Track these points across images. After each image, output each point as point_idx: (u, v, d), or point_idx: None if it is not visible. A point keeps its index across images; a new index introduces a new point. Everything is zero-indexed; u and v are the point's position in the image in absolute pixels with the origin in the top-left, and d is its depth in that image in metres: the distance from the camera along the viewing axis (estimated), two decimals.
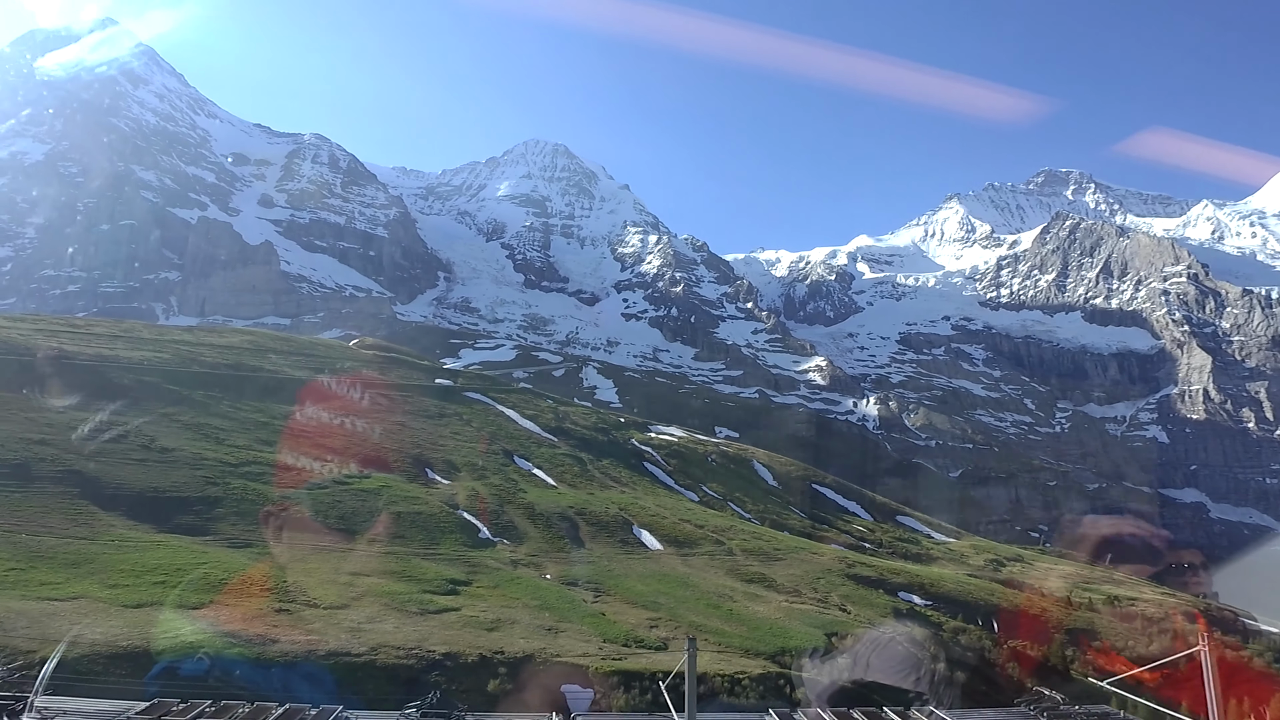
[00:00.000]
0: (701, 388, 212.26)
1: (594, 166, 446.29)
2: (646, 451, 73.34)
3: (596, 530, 45.13)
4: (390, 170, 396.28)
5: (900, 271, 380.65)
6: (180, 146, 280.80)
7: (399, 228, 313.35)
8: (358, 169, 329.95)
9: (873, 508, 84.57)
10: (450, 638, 24.92)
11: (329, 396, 57.86)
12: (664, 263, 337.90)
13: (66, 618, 20.15)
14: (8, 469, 30.64)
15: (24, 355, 44.66)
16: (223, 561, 27.64)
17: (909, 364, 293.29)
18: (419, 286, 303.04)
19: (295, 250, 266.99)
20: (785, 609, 37.76)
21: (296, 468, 41.16)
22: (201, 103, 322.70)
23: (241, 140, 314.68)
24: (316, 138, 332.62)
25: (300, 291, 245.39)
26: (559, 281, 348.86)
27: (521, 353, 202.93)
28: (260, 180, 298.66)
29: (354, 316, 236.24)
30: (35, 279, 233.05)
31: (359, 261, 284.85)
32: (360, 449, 48.35)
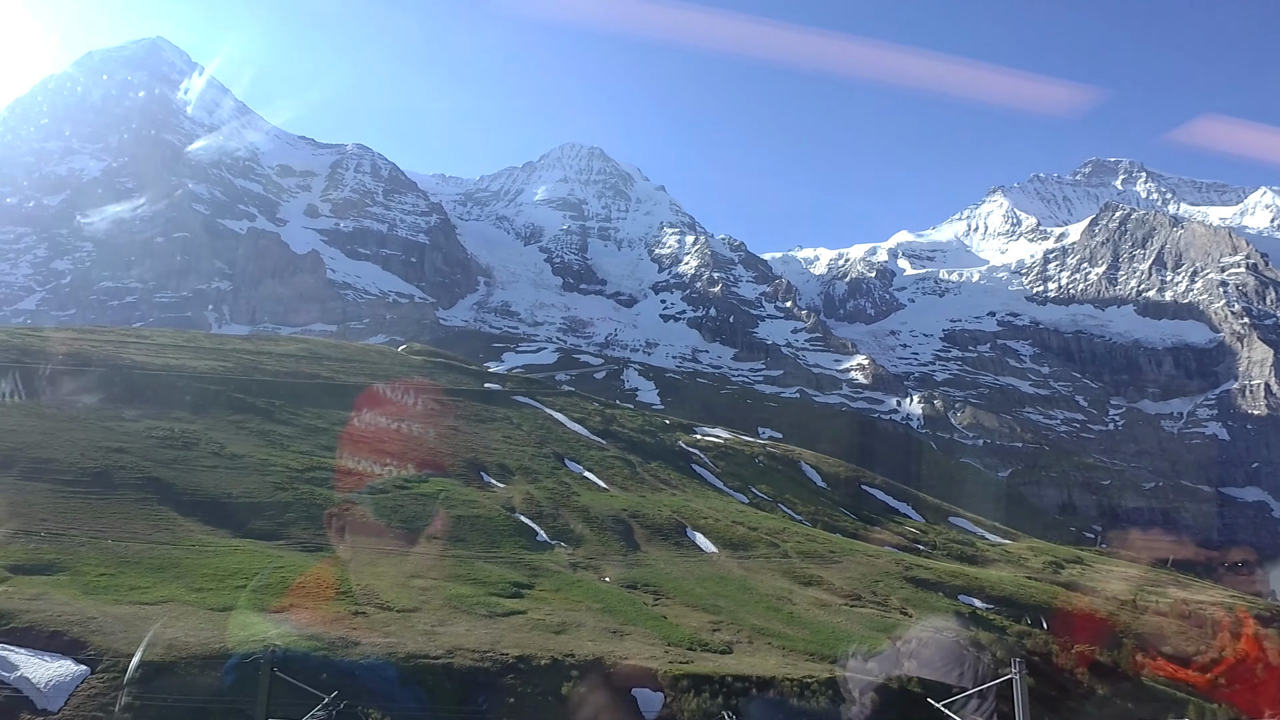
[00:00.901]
0: (743, 388, 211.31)
1: (629, 168, 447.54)
2: (694, 454, 73.27)
3: (651, 533, 45.24)
4: (430, 178, 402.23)
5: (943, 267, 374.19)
6: (229, 160, 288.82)
7: (439, 234, 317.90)
8: (398, 177, 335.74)
9: (924, 509, 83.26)
10: (520, 640, 25.22)
11: (383, 402, 58.98)
12: (701, 263, 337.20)
13: (158, 621, 20.88)
14: (90, 477, 31.86)
15: (97, 366, 46.40)
16: (297, 565, 28.37)
17: (953, 361, 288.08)
18: (460, 291, 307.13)
19: (340, 258, 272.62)
20: (846, 612, 37.43)
21: (358, 472, 42.06)
22: (248, 117, 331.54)
23: (287, 152, 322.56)
24: (358, 148, 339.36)
25: (345, 298, 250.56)
26: (597, 284, 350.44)
27: (563, 355, 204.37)
28: (305, 191, 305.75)
29: (398, 322, 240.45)
30: (94, 290, 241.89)
31: (401, 268, 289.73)
32: (416, 453, 49.20)
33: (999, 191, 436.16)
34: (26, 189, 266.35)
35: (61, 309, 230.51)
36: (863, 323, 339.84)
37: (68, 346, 48.92)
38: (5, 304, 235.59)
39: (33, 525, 26.75)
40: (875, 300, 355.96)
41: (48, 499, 29.12)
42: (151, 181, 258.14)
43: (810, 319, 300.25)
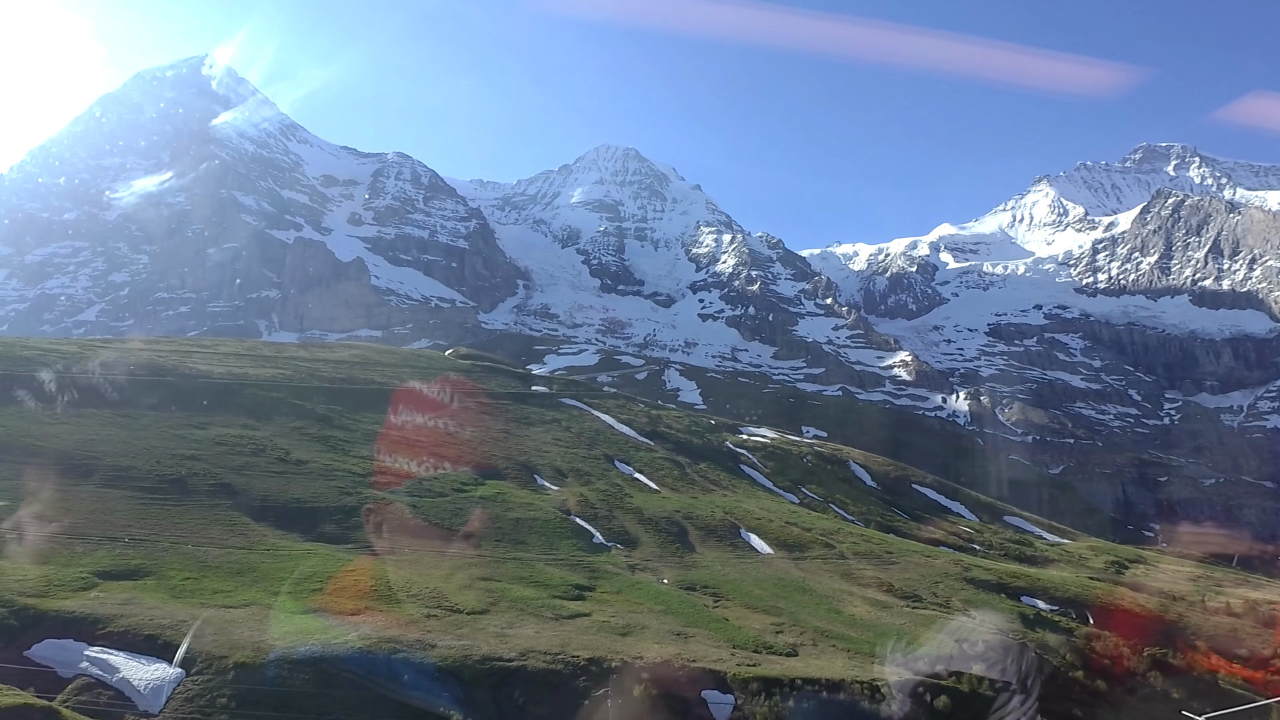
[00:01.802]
0: (784, 387, 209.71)
1: (664, 168, 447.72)
2: (742, 454, 72.94)
3: (705, 535, 45.18)
4: (468, 183, 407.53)
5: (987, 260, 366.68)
6: (275, 172, 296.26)
7: (479, 239, 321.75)
8: (438, 184, 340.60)
9: (977, 508, 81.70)
10: (589, 643, 25.40)
11: (436, 406, 59.91)
12: (739, 261, 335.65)
13: (245, 624, 21.52)
14: (166, 484, 32.94)
15: (166, 375, 47.97)
16: (366, 569, 28.97)
17: (1000, 356, 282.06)
18: (499, 295, 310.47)
19: (383, 265, 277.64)
20: (908, 614, 36.93)
21: (417, 476, 42.78)
22: (293, 129, 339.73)
23: (330, 163, 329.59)
24: (399, 156, 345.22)
25: (389, 304, 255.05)
26: (634, 284, 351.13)
27: (604, 357, 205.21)
28: (349, 200, 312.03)
29: (441, 326, 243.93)
30: (150, 302, 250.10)
31: (442, 273, 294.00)
32: (472, 456, 49.87)
33: (1044, 181, 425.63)
34: (85, 204, 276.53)
35: (120, 320, 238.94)
36: (904, 318, 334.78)
37: (137, 357, 50.69)
38: (67, 315, 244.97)
39: (116, 532, 27.76)
40: (917, 295, 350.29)
41: (128, 506, 30.19)
42: (202, 195, 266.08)
43: (851, 315, 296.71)
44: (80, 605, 21.04)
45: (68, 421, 36.93)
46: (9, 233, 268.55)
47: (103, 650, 18.94)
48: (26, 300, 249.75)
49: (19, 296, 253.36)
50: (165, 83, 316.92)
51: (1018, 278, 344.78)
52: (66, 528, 27.02)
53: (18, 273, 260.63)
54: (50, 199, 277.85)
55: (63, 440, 34.53)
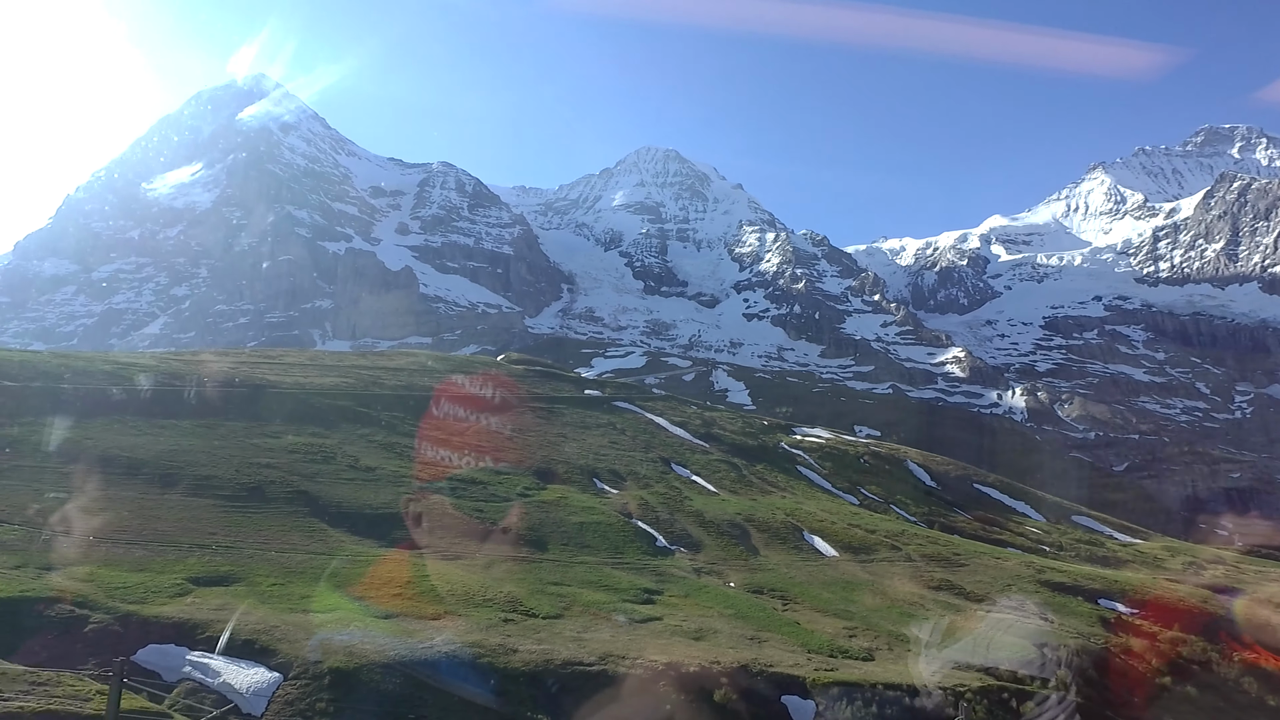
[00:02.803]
0: (835, 386, 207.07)
1: (705, 168, 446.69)
2: (798, 455, 72.20)
3: (769, 537, 44.80)
4: (511, 190, 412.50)
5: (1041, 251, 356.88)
6: (326, 185, 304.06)
7: (523, 244, 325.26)
8: (482, 191, 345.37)
9: (1044, 507, 79.49)
10: (664, 647, 25.36)
11: (494, 411, 60.63)
12: (783, 260, 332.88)
13: (332, 629, 22.01)
14: (246, 491, 33.95)
15: (236, 386, 49.53)
16: (441, 574, 29.41)
17: (1057, 350, 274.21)
18: (544, 300, 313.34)
19: (431, 273, 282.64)
20: (983, 618, 36.02)
21: (480, 482, 43.32)
22: (342, 143, 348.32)
23: (378, 174, 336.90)
24: (443, 165, 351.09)
25: (438, 311, 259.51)
26: (678, 286, 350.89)
27: (651, 359, 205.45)
28: (396, 210, 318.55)
29: (488, 332, 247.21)
30: (210, 314, 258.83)
31: (488, 279, 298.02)
32: (532, 461, 50.33)
33: (1100, 168, 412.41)
34: (147, 222, 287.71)
35: (182, 332, 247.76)
36: (955, 313, 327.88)
37: (210, 369, 52.44)
38: (132, 329, 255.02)
39: (204, 539, 28.69)
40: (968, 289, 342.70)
41: (213, 513, 31.20)
42: (257, 209, 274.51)
43: (900, 312, 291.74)
44: (178, 611, 21.78)
45: (150, 432, 38.34)
46: (77, 251, 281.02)
47: (203, 655, 19.57)
48: (95, 315, 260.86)
49: (87, 312, 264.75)
50: (220, 102, 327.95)
51: (1074, 269, 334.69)
52: (158, 535, 28.04)
53: (86, 289, 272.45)
54: (115, 218, 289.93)
55: (147, 450, 35.85)
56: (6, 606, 20.81)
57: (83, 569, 24.09)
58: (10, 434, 35.47)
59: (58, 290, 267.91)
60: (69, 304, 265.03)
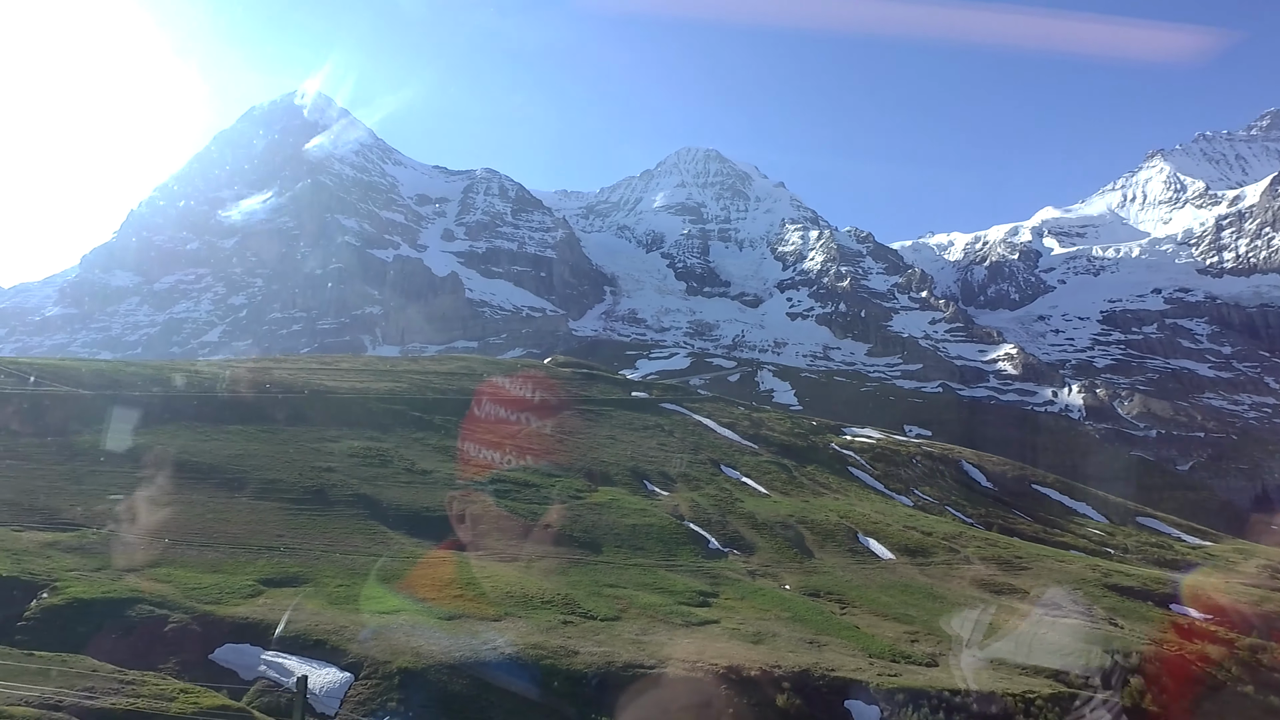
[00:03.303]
0: (883, 385, 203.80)
1: (746, 167, 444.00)
2: (849, 455, 71.22)
3: (822, 539, 44.26)
4: (553, 194, 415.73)
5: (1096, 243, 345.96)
6: (374, 194, 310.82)
7: (565, 248, 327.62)
8: (525, 196, 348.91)
9: (1107, 508, 77.03)
10: (723, 650, 25.23)
11: (542, 413, 61.14)
12: (827, 258, 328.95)
13: (399, 630, 22.43)
14: (310, 495, 34.82)
15: (297, 392, 50.87)
16: (498, 575, 29.74)
17: (1115, 346, 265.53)
18: (587, 302, 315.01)
19: (476, 278, 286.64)
20: (1050, 623, 35.00)
21: (532, 484, 43.70)
22: (389, 152, 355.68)
23: (423, 182, 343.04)
24: (487, 172, 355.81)
25: (484, 315, 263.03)
26: (720, 286, 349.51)
27: (695, 360, 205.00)
28: (441, 217, 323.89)
29: (533, 335, 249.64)
30: (265, 322, 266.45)
31: (532, 283, 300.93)
32: (582, 463, 50.60)
33: (1158, 155, 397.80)
34: (206, 234, 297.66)
35: (239, 339, 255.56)
36: (1007, 309, 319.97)
37: (270, 375, 53.99)
38: (192, 338, 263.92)
39: (272, 541, 29.50)
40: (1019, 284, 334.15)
41: (279, 516, 32.07)
42: (309, 219, 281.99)
43: (949, 308, 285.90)
44: (251, 611, 22.42)
45: (218, 437, 39.60)
46: (139, 263, 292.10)
47: (277, 654, 20.09)
48: (157, 324, 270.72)
49: (150, 321, 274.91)
50: (271, 117, 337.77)
51: (1132, 260, 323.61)
52: (228, 537, 28.93)
53: (148, 299, 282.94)
54: (174, 230, 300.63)
55: (215, 455, 37.04)
56: (91, 607, 21.69)
57: (160, 570, 24.98)
58: (86, 440, 36.98)
59: (122, 301, 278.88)
60: (133, 314, 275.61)
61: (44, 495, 30.57)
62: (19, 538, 26.65)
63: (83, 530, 27.81)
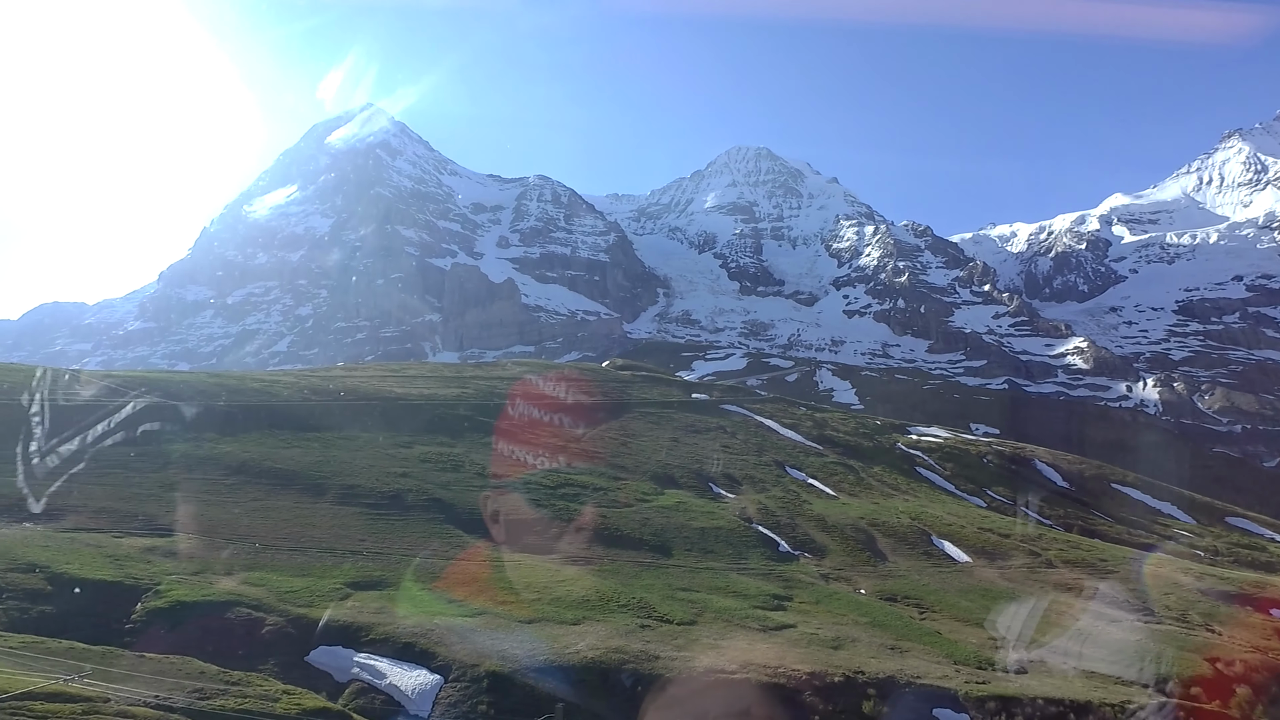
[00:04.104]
0: (946, 382, 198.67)
1: (798, 164, 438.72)
2: (917, 455, 69.60)
3: (895, 542, 43.35)
4: (604, 198, 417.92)
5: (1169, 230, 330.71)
6: (431, 204, 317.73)
7: (618, 251, 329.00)
8: (577, 201, 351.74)
9: (1193, 508, 73.48)
10: (804, 656, 24.90)
11: (605, 417, 61.45)
12: (884, 253, 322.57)
13: (483, 633, 22.80)
14: (388, 500, 35.72)
15: (370, 400, 52.30)
16: (574, 579, 29.97)
17: (1193, 337, 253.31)
18: (641, 305, 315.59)
19: (531, 283, 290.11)
20: (1143, 629, 33.55)
21: (600, 488, 43.93)
22: (444, 163, 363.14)
23: (478, 191, 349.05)
24: (539, 178, 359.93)
25: (539, 320, 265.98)
26: (774, 285, 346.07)
27: (752, 360, 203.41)
28: (496, 224, 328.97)
29: (588, 339, 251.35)
30: (330, 331, 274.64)
31: (586, 287, 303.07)
32: (647, 467, 50.66)
33: (1235, 135, 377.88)
34: (273, 248, 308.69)
35: (307, 349, 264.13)
36: (1074, 301, 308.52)
37: (344, 383, 55.68)
38: (263, 348, 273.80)
39: (355, 545, 30.36)
40: (1088, 275, 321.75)
41: (360, 521, 32.98)
42: (371, 231, 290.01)
43: (1013, 302, 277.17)
44: (342, 614, 23.08)
45: (298, 445, 40.96)
46: (213, 278, 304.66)
47: (369, 656, 20.64)
48: (230, 336, 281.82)
49: (224, 333, 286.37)
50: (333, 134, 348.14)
51: (1210, 247, 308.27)
52: (314, 542, 29.87)
53: (222, 312, 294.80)
54: (245, 246, 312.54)
55: (298, 462, 38.31)
56: (192, 610, 22.65)
57: (253, 574, 25.94)
58: (178, 449, 38.69)
59: (198, 314, 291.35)
60: (207, 326, 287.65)
61: (141, 502, 32.08)
62: (120, 544, 28.02)
63: (179, 535, 29.09)
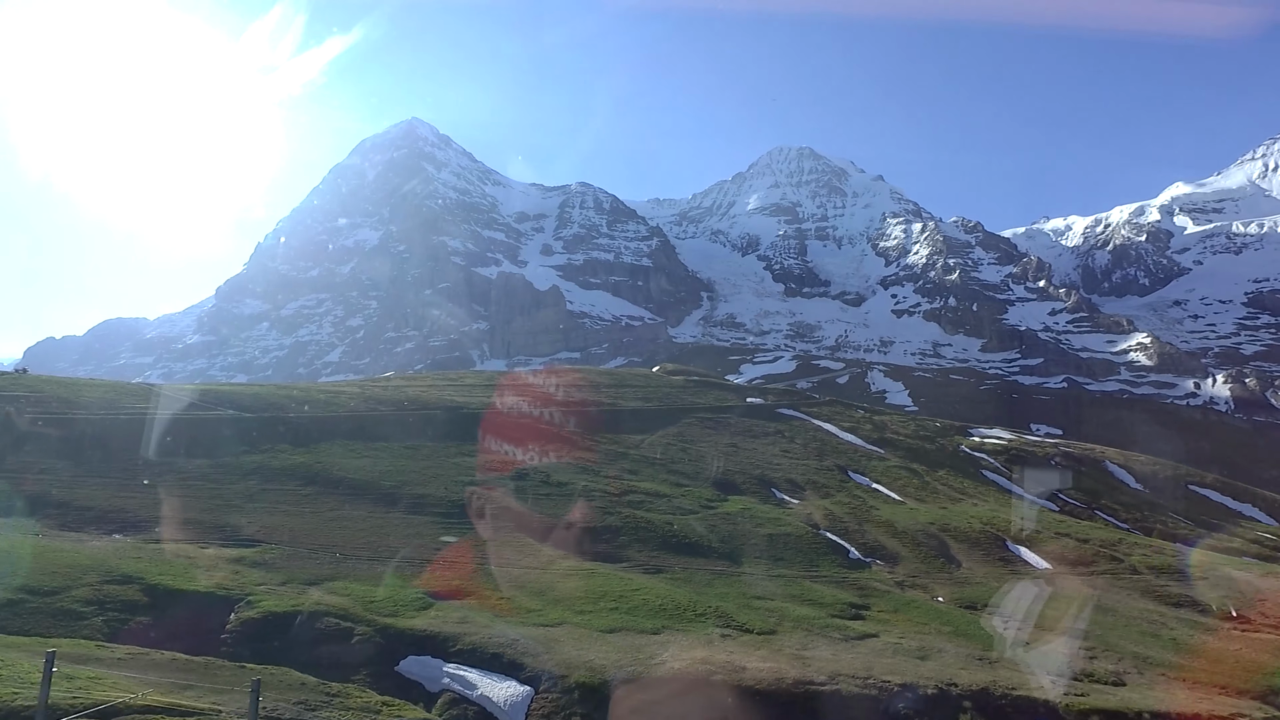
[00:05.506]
0: (1004, 382, 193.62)
1: (842, 163, 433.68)
2: (981, 458, 67.86)
3: (968, 548, 42.19)
4: (646, 203, 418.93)
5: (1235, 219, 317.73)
6: (476, 214, 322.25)
7: (661, 256, 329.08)
8: (619, 207, 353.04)
9: (1275, 510, 70.21)
10: (891, 666, 24.25)
11: (661, 422, 61.23)
12: (933, 250, 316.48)
13: (566, 643, 22.71)
14: (457, 509, 36.03)
15: (431, 409, 53.00)
16: (648, 587, 29.74)
17: (1265, 330, 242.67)
18: (685, 309, 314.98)
19: (575, 290, 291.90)
20: (1241, 639, 31.98)
21: (663, 494, 43.70)
22: (488, 173, 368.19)
23: (521, 200, 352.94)
24: (581, 186, 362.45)
25: (584, 326, 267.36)
26: (820, 286, 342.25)
27: (801, 362, 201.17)
28: (539, 233, 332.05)
29: (634, 344, 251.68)
30: (381, 341, 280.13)
31: (630, 292, 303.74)
32: (707, 473, 50.29)
33: None
34: (325, 261, 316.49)
35: (358, 359, 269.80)
36: (1135, 295, 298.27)
37: (403, 393, 56.57)
38: (316, 359, 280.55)
39: (430, 555, 30.61)
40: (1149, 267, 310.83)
41: (432, 530, 33.31)
42: (417, 242, 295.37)
43: (1070, 297, 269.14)
44: (427, 624, 23.24)
45: (368, 455, 41.65)
46: (267, 291, 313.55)
47: (458, 667, 20.70)
48: (285, 348, 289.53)
49: (278, 345, 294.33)
50: (381, 147, 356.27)
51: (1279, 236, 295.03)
52: (391, 552, 30.23)
53: (276, 325, 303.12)
54: (298, 260, 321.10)
55: (368, 472, 38.93)
56: (284, 620, 23.04)
57: (337, 584, 26.32)
58: (253, 460, 39.65)
59: (254, 327, 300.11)
60: (263, 339, 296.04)
61: (224, 513, 32.90)
62: (206, 554, 28.72)
63: (263, 546, 29.70)
